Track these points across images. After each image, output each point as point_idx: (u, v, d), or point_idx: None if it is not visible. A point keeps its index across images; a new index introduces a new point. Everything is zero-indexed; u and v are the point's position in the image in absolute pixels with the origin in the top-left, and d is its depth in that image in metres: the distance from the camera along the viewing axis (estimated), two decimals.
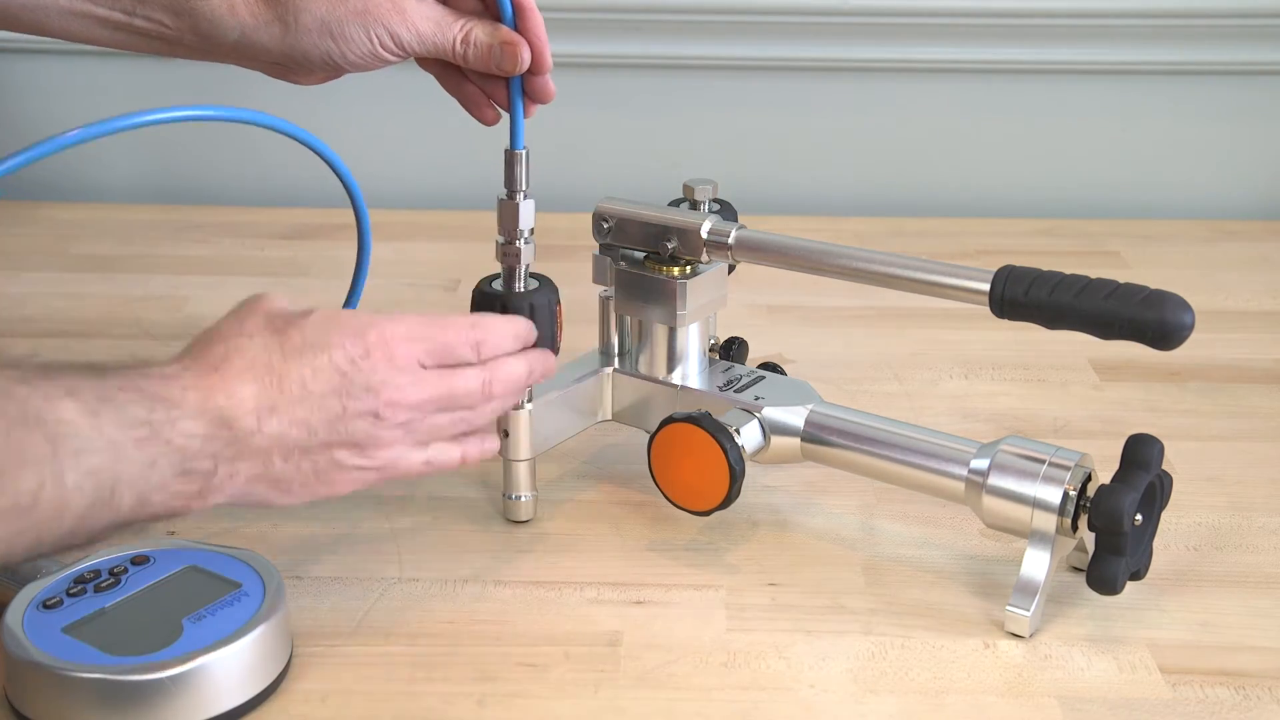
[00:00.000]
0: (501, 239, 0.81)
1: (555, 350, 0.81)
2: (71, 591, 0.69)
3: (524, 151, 0.80)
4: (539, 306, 0.80)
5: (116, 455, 0.58)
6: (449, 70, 0.83)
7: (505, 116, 0.81)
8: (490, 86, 0.83)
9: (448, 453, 0.72)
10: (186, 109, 0.73)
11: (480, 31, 0.79)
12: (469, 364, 0.71)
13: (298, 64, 0.80)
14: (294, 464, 0.65)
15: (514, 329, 0.74)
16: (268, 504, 0.66)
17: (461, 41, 0.79)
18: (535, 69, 0.79)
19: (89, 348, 1.09)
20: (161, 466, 0.60)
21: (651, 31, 1.41)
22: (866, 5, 1.38)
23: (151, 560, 0.72)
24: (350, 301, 0.87)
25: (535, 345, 0.77)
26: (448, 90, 0.84)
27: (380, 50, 0.78)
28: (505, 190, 0.81)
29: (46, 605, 0.68)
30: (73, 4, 0.80)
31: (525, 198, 0.81)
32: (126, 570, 0.71)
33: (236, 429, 0.63)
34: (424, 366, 0.69)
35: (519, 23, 0.79)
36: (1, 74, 1.45)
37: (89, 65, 1.43)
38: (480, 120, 0.84)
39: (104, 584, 0.70)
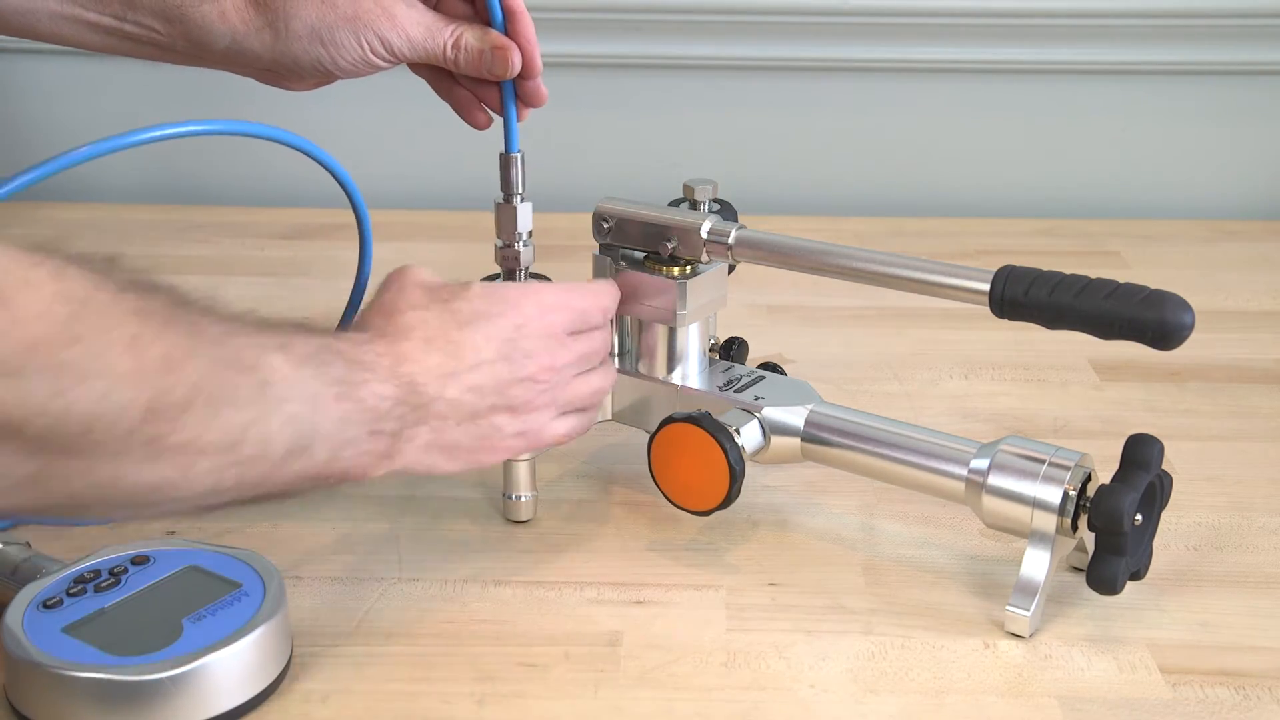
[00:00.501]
0: (500, 242, 0.81)
1: None
2: (71, 591, 0.69)
3: (519, 155, 0.80)
4: None
5: (315, 407, 0.61)
6: (441, 75, 0.83)
7: (499, 120, 0.81)
8: (482, 91, 0.83)
9: (582, 421, 0.78)
10: (188, 125, 0.73)
11: (470, 36, 0.79)
12: (596, 327, 0.77)
13: (289, 70, 0.81)
14: (465, 429, 0.69)
15: (618, 291, 0.81)
16: (435, 471, 0.70)
17: (452, 47, 0.79)
18: (526, 73, 0.80)
19: None
20: (354, 424, 0.64)
21: (651, 31, 1.41)
22: (866, 5, 1.38)
23: (151, 560, 0.72)
24: (352, 305, 0.86)
25: None
26: (440, 95, 0.84)
27: (371, 56, 0.79)
28: (502, 194, 0.81)
29: (46, 605, 0.68)
30: (63, 8, 0.80)
31: (522, 200, 0.81)
32: (126, 570, 0.71)
33: (422, 394, 0.67)
34: (569, 333, 0.74)
35: (509, 26, 0.79)
36: (1, 74, 1.45)
37: (88, 66, 1.43)
38: (472, 125, 0.84)
39: (104, 584, 0.70)
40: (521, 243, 0.80)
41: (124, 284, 0.55)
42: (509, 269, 0.81)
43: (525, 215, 0.81)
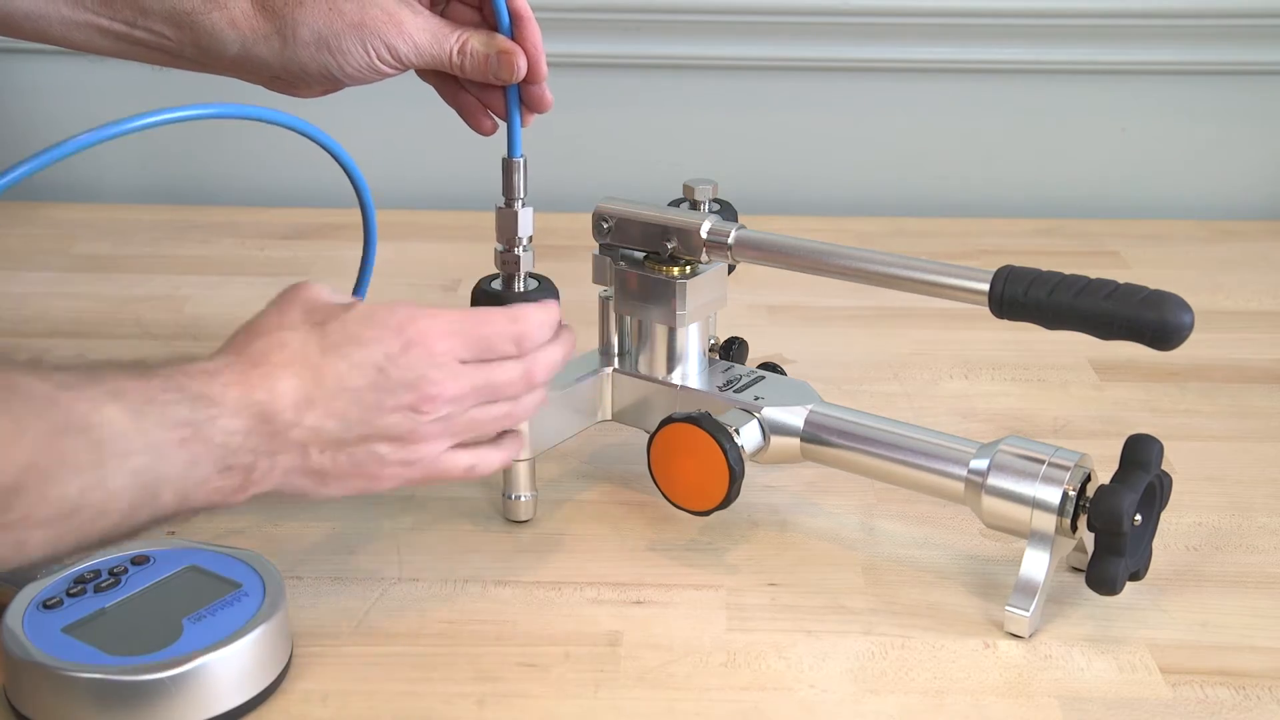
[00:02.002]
0: (500, 246, 0.81)
1: None
2: (71, 591, 0.69)
3: (521, 160, 0.80)
4: None
5: (159, 456, 0.59)
6: (446, 80, 0.83)
7: (503, 123, 0.81)
8: (487, 96, 0.83)
9: (489, 457, 0.73)
10: (193, 108, 0.73)
11: (476, 41, 0.79)
12: (508, 357, 0.71)
13: (296, 77, 0.81)
14: (330, 456, 0.66)
15: (549, 317, 0.74)
16: (305, 495, 0.67)
17: (458, 52, 0.79)
18: (531, 78, 0.80)
19: (89, 348, 1.09)
20: (203, 464, 0.61)
21: (651, 31, 1.41)
22: (866, 5, 1.38)
23: (151, 560, 0.72)
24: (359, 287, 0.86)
25: None
26: (445, 100, 0.84)
27: (377, 63, 0.79)
28: (503, 198, 0.81)
29: (46, 605, 0.68)
30: (75, 14, 0.80)
31: (523, 205, 0.81)
32: (126, 570, 0.71)
33: (275, 423, 0.64)
34: (463, 361, 0.69)
35: (515, 31, 0.79)
36: (1, 74, 1.45)
37: (89, 66, 1.42)
38: (478, 130, 0.84)
39: (104, 584, 0.70)
40: (521, 247, 0.80)
41: None
42: (509, 273, 0.81)
43: (526, 220, 0.81)
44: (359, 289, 0.87)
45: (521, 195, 0.81)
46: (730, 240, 0.81)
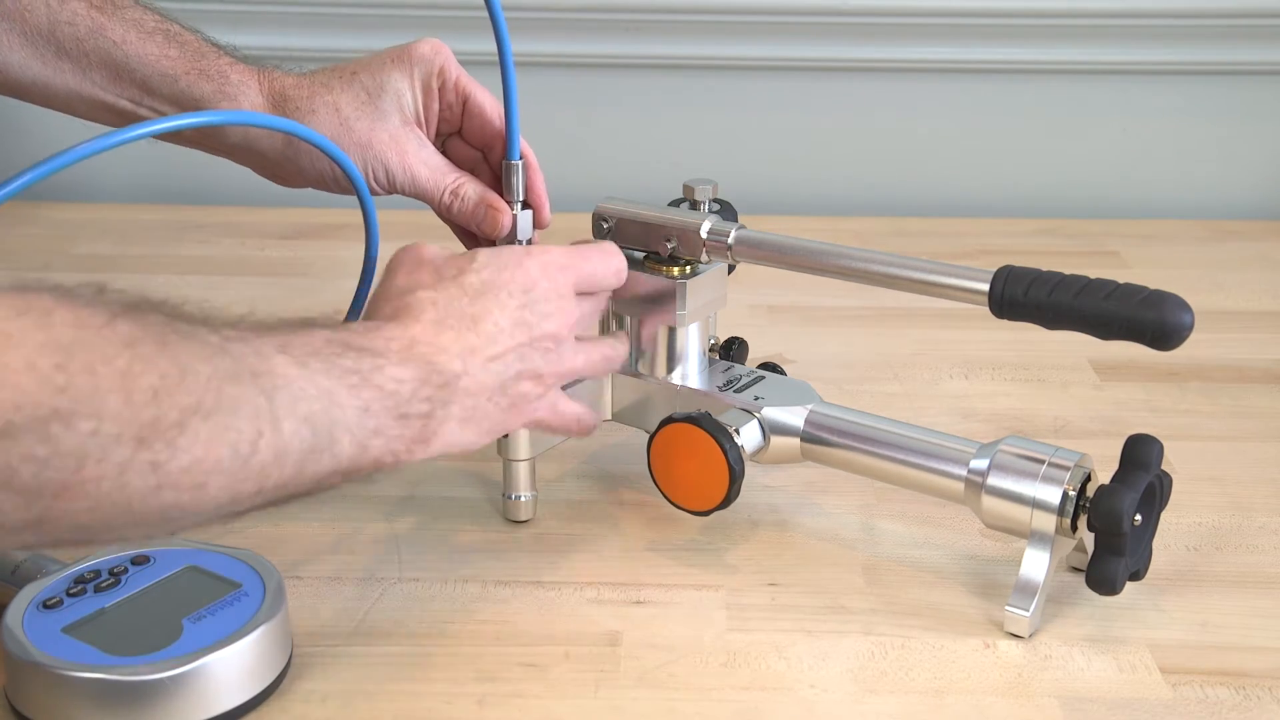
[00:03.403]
0: None
1: None
2: (71, 591, 0.69)
3: (520, 163, 0.80)
4: None
5: (330, 401, 0.60)
6: None
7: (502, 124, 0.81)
8: (465, 235, 0.86)
9: (587, 415, 0.76)
10: (195, 116, 0.73)
11: (471, 189, 0.81)
12: (606, 291, 0.76)
13: (290, 174, 0.83)
14: (495, 401, 0.68)
15: (622, 258, 0.77)
16: (469, 447, 0.68)
17: (450, 193, 0.82)
18: (539, 224, 0.83)
19: None
20: (376, 411, 0.62)
21: (651, 31, 1.41)
22: (866, 5, 1.38)
23: (151, 560, 0.72)
24: (357, 301, 0.86)
25: None
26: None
27: (371, 181, 0.81)
28: (504, 201, 0.81)
29: (46, 605, 0.68)
30: (81, 87, 0.82)
31: (523, 208, 0.81)
32: (126, 570, 0.71)
33: (445, 373, 0.65)
34: (578, 294, 0.73)
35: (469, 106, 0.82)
36: None
37: None
38: None
39: (104, 584, 0.70)
40: None
41: (114, 313, 0.53)
42: None
43: (526, 223, 0.81)
44: (362, 288, 0.87)
45: (521, 198, 0.81)
46: (730, 240, 0.81)
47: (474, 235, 0.84)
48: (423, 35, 0.83)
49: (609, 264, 0.75)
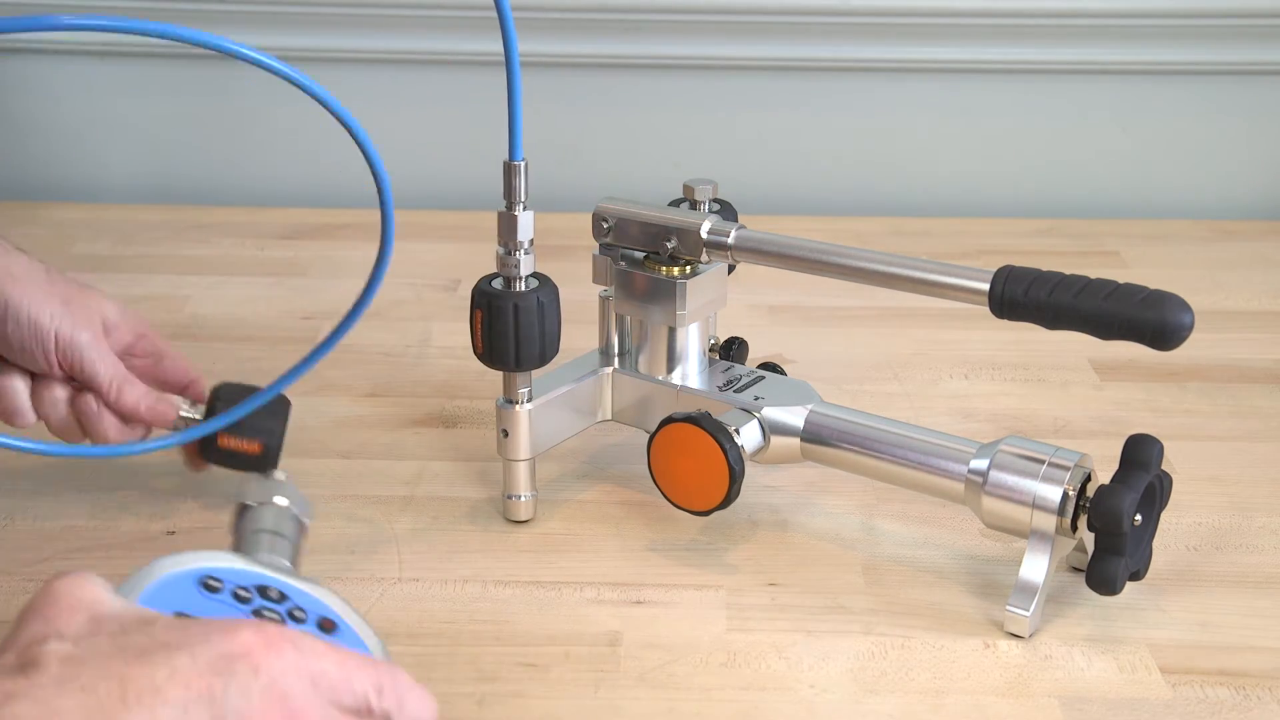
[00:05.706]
0: (501, 249, 0.81)
1: (554, 350, 0.81)
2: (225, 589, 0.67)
3: (523, 163, 0.80)
4: (544, 304, 0.80)
5: None
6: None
7: (504, 123, 0.81)
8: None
9: None
10: (207, 35, 0.66)
11: (133, 394, 0.81)
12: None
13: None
14: None
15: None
16: None
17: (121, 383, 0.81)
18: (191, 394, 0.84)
19: None
20: None
21: (651, 31, 1.41)
22: (866, 5, 1.38)
23: None
24: (368, 294, 0.85)
25: (540, 337, 0.78)
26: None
27: (49, 344, 0.82)
28: (504, 201, 0.81)
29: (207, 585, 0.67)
30: None
31: (524, 209, 0.80)
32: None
33: None
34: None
35: (164, 362, 0.85)
36: (1, 74, 1.45)
37: (88, 66, 1.43)
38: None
39: None
40: (522, 251, 0.80)
41: None
42: (509, 276, 0.81)
43: (526, 224, 0.81)
44: (372, 284, 0.85)
45: (522, 199, 0.80)
46: (730, 240, 0.81)
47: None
48: (423, 35, 0.82)
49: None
